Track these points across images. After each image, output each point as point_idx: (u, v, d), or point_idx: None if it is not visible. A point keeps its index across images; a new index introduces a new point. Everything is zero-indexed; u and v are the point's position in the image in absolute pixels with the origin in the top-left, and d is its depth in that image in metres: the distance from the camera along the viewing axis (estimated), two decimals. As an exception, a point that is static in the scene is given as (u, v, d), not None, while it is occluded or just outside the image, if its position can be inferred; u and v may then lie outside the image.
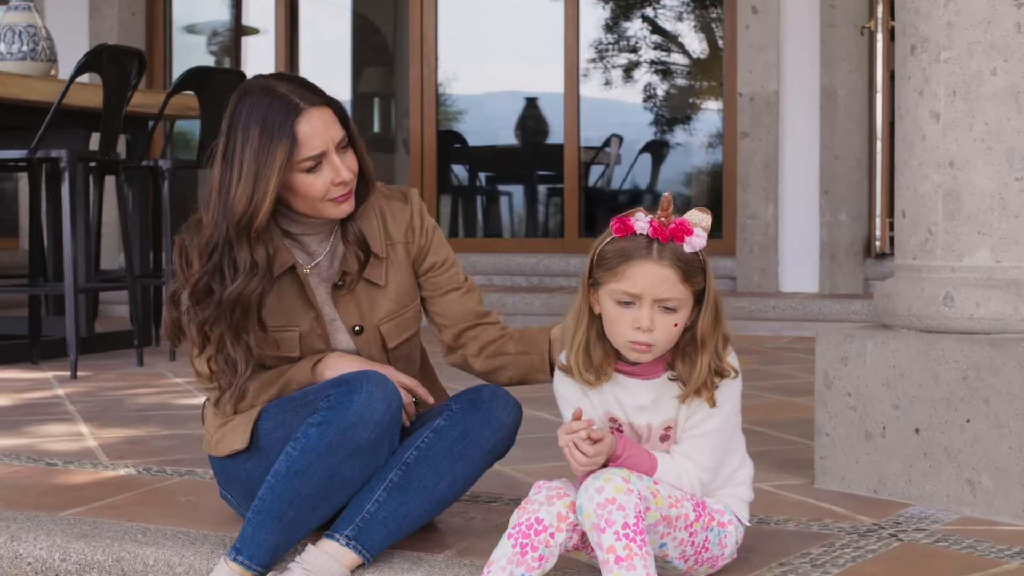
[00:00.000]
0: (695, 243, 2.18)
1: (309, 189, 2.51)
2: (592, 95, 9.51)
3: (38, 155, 5.17)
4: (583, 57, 9.61)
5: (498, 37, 9.70)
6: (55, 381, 5.01)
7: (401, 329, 2.69)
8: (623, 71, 9.78)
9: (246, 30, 9.83)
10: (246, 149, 2.46)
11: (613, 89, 9.73)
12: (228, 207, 2.47)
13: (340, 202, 2.55)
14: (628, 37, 9.83)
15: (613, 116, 10.15)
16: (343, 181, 2.51)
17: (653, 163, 9.68)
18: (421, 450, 2.48)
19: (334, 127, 2.51)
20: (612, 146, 9.65)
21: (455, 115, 10.47)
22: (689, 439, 2.26)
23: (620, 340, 2.21)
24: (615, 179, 9.70)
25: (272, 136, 2.45)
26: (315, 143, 2.48)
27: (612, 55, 9.77)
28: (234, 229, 2.47)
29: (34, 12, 5.88)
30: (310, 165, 2.49)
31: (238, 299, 2.49)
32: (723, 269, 7.20)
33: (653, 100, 9.80)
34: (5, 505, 2.96)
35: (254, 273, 2.49)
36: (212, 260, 2.49)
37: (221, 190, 2.49)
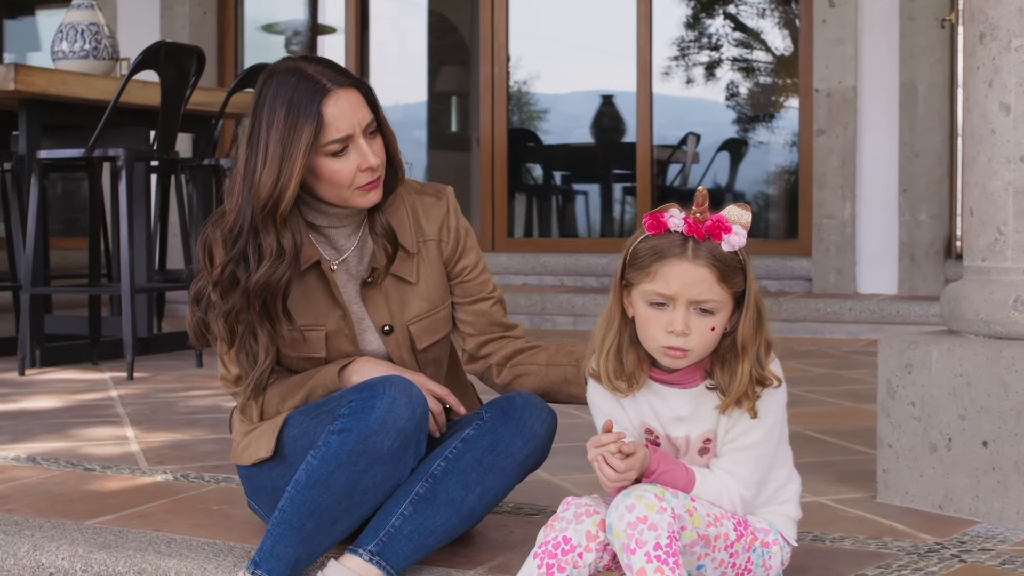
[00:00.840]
0: (733, 241, 2.03)
1: (336, 175, 2.40)
2: (673, 93, 9.38)
3: (96, 154, 5.10)
4: (664, 55, 9.49)
5: (576, 35, 9.58)
6: (111, 382, 4.95)
7: (431, 331, 2.58)
8: (704, 68, 9.65)
9: (322, 29, 9.79)
10: (271, 131, 2.36)
11: (694, 87, 9.60)
12: (253, 191, 2.37)
13: (368, 190, 2.44)
14: (709, 34, 9.69)
15: (692, 114, 9.99)
16: (370, 166, 2.41)
17: (731, 161, 9.50)
18: (449, 461, 2.35)
19: (362, 110, 2.42)
20: (689, 144, 9.48)
21: (538, 114, 10.38)
22: (730, 452, 2.11)
23: (653, 344, 2.06)
24: (692, 178, 9.53)
25: (298, 117, 2.35)
26: (341, 125, 2.38)
27: (693, 52, 9.64)
28: (259, 214, 2.38)
29: (97, 10, 5.83)
30: (336, 148, 2.39)
31: (265, 287, 2.39)
32: (799, 270, 7.01)
33: (736, 98, 9.64)
34: (34, 512, 2.88)
35: (280, 259, 2.39)
36: (237, 246, 2.40)
37: (246, 175, 2.39)
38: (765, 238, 8.84)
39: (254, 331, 2.42)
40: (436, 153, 10.82)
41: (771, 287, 7.03)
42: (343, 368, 2.49)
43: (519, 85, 10.31)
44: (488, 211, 8.09)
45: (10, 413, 4.21)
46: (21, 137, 5.37)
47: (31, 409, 4.29)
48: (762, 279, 7.05)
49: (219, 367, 2.57)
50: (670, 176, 9.42)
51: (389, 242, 2.51)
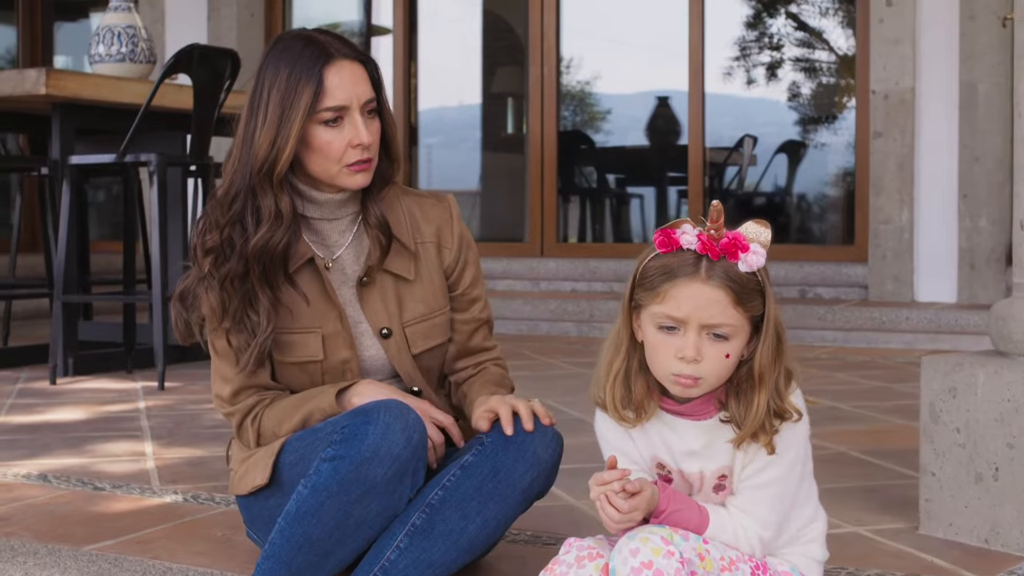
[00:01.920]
0: (751, 261, 1.86)
1: (326, 147, 2.33)
2: (735, 93, 9.21)
3: (128, 159, 5.00)
4: (726, 55, 9.31)
5: (638, 34, 9.41)
6: (142, 393, 4.84)
7: (428, 335, 2.45)
8: (766, 69, 9.48)
9: (375, 30, 9.69)
10: (272, 92, 2.31)
11: (756, 87, 9.42)
12: (252, 152, 2.31)
13: (356, 170, 2.36)
14: (771, 34, 9.51)
15: (754, 115, 9.81)
16: (362, 143, 2.33)
17: (789, 164, 9.30)
18: (447, 489, 2.20)
19: (363, 85, 2.35)
20: (746, 146, 9.28)
21: (601, 115, 10.23)
22: (747, 490, 1.94)
23: (662, 371, 1.90)
24: (749, 180, 9.33)
25: (300, 79, 2.30)
26: (339, 95, 2.31)
27: (754, 52, 9.46)
28: (256, 175, 2.31)
29: (134, 13, 5.73)
30: (330, 116, 2.31)
31: (263, 250, 2.31)
32: (855, 277, 6.79)
33: (797, 99, 9.44)
34: (33, 536, 2.76)
35: (279, 222, 2.33)
36: (234, 208, 2.33)
37: (245, 136, 2.34)
38: (824, 243, 8.63)
39: (253, 299, 2.34)
40: (491, 155, 10.69)
41: (825, 294, 6.83)
42: (343, 391, 2.36)
43: (581, 85, 10.17)
44: (537, 215, 7.94)
45: (32, 426, 4.11)
46: (54, 142, 5.29)
47: (54, 421, 4.19)
48: (817, 286, 6.85)
49: (213, 384, 2.44)
50: (726, 179, 9.24)
51: (383, 233, 2.41)
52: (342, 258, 2.44)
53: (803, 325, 6.33)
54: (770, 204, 9.44)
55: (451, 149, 10.72)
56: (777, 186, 9.37)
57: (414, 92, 8.78)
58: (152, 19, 8.46)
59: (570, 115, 10.55)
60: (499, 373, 2.50)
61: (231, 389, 2.41)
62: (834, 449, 3.63)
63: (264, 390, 2.43)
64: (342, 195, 2.42)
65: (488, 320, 2.54)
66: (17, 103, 5.30)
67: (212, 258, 2.35)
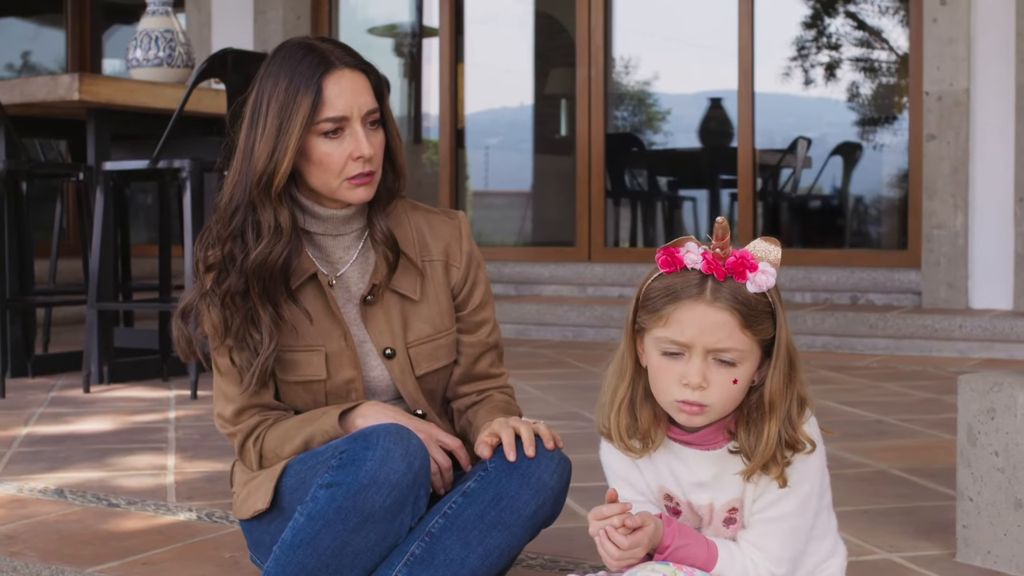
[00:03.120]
0: (760, 281, 1.74)
1: (326, 159, 2.24)
2: (792, 93, 9.08)
3: (160, 165, 4.94)
4: (784, 55, 9.17)
5: (697, 34, 9.30)
6: (174, 402, 4.78)
7: (432, 357, 2.35)
8: (824, 69, 9.35)
9: (427, 31, 9.63)
10: (271, 103, 2.23)
11: (814, 87, 9.30)
12: (251, 164, 2.23)
13: (357, 184, 2.27)
14: (829, 34, 9.37)
15: (810, 116, 9.67)
16: (363, 155, 2.24)
17: (844, 166, 9.14)
18: (448, 517, 2.10)
19: (365, 95, 2.26)
20: (799, 148, 9.12)
21: (660, 115, 10.12)
22: (758, 524, 1.83)
23: (666, 398, 1.79)
24: (803, 183, 9.17)
25: (299, 88, 2.21)
26: (339, 104, 2.22)
27: (812, 52, 9.33)
28: (255, 188, 2.23)
29: (172, 17, 5.68)
30: (329, 128, 2.23)
31: (262, 266, 2.23)
32: (908, 283, 6.62)
33: (856, 99, 9.29)
34: (39, 556, 2.69)
35: (278, 236, 2.24)
36: (234, 223, 2.25)
37: (245, 148, 2.26)
38: (878, 248, 8.46)
39: (255, 316, 2.25)
40: (542, 157, 10.60)
41: (878, 301, 6.67)
42: (346, 412, 2.26)
43: (639, 86, 10.07)
44: (584, 219, 7.82)
45: (57, 437, 4.05)
46: (89, 147, 5.25)
47: (80, 432, 4.12)
48: (868, 292, 6.69)
49: (216, 403, 2.36)
50: (780, 181, 9.09)
51: (390, 248, 2.32)
52: (347, 275, 2.35)
53: (853, 333, 6.17)
54: (824, 207, 9.28)
55: (502, 151, 10.64)
56: (832, 189, 9.21)
57: (462, 93, 8.69)
58: (199, 23, 8.43)
59: (628, 116, 10.45)
60: (504, 400, 2.39)
61: (233, 409, 2.33)
62: (874, 467, 3.49)
63: (267, 410, 2.34)
64: (347, 210, 2.33)
65: (496, 345, 2.44)
66: (54, 109, 5.27)
67: (214, 274, 2.27)
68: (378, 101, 2.29)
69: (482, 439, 2.16)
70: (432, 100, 8.83)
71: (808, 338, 6.22)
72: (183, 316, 2.32)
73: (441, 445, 2.24)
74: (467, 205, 10.23)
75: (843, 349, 6.19)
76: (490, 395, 2.40)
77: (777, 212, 9.08)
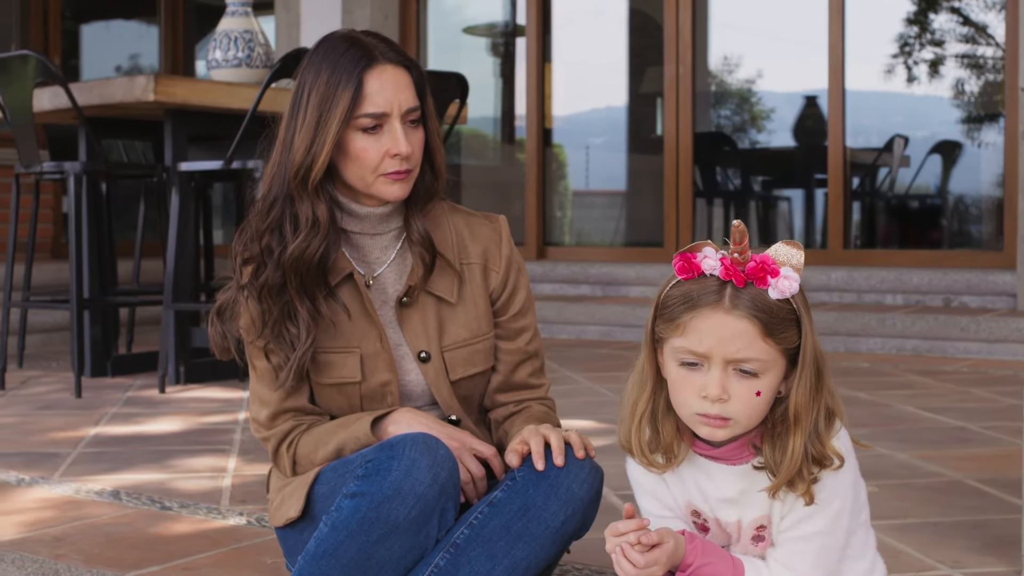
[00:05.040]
0: (782, 287, 1.65)
1: (363, 154, 2.20)
2: (896, 90, 8.92)
3: (234, 165, 4.94)
4: (886, 52, 9.00)
5: (794, 32, 9.16)
6: (246, 403, 4.77)
7: (467, 362, 2.29)
8: (929, 66, 9.17)
9: (519, 30, 9.59)
10: (312, 95, 2.20)
11: (916, 84, 9.12)
12: (290, 157, 2.20)
13: (393, 179, 2.22)
14: (932, 30, 9.19)
15: (910, 113, 9.48)
16: (400, 153, 2.20)
17: (943, 165, 8.93)
18: (474, 528, 2.04)
19: (406, 92, 2.22)
20: (896, 147, 8.93)
21: (764, 114, 10.00)
22: (787, 543, 1.73)
23: (686, 411, 1.71)
24: (900, 182, 8.98)
25: (339, 81, 2.18)
26: (379, 100, 2.19)
27: (915, 49, 9.16)
28: (293, 181, 2.19)
29: (252, 17, 5.68)
30: (368, 124, 2.19)
31: (299, 260, 2.19)
32: (1003, 285, 6.42)
33: (960, 96, 9.10)
34: (83, 559, 2.67)
35: (315, 230, 2.20)
36: (272, 215, 2.22)
37: (285, 140, 2.23)
38: (978, 248, 8.25)
39: (292, 311, 2.21)
40: (637, 157, 10.51)
41: (972, 303, 6.47)
42: (379, 419, 2.21)
43: (742, 84, 9.95)
44: (672, 219, 7.71)
45: (124, 438, 4.06)
46: (166, 148, 5.27)
47: (147, 433, 4.13)
48: (962, 294, 6.50)
49: (251, 408, 2.32)
50: (878, 180, 8.91)
51: (426, 249, 2.27)
52: (383, 276, 2.30)
53: (944, 336, 6.00)
54: (921, 207, 9.08)
55: (601, 151, 10.57)
56: (930, 188, 9.01)
57: (549, 93, 8.63)
58: (287, 22, 8.46)
59: (730, 115, 10.33)
60: (543, 412, 2.32)
61: (268, 413, 2.28)
62: (950, 476, 3.37)
63: (302, 414, 2.30)
64: (384, 209, 2.28)
65: (536, 354, 2.36)
66: (133, 110, 5.29)
67: (252, 267, 2.23)
68: (420, 99, 2.25)
69: (511, 447, 2.09)
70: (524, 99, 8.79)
71: (898, 341, 6.06)
72: (219, 313, 2.28)
73: (475, 453, 2.18)
74: (565, 205, 10.17)
75: (934, 352, 6.02)
76: (528, 406, 2.33)
77: (872, 212, 8.91)
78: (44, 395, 5.02)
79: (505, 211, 2.76)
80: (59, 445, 3.93)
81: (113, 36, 10.50)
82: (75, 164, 5.08)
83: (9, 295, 5.27)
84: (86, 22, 10.21)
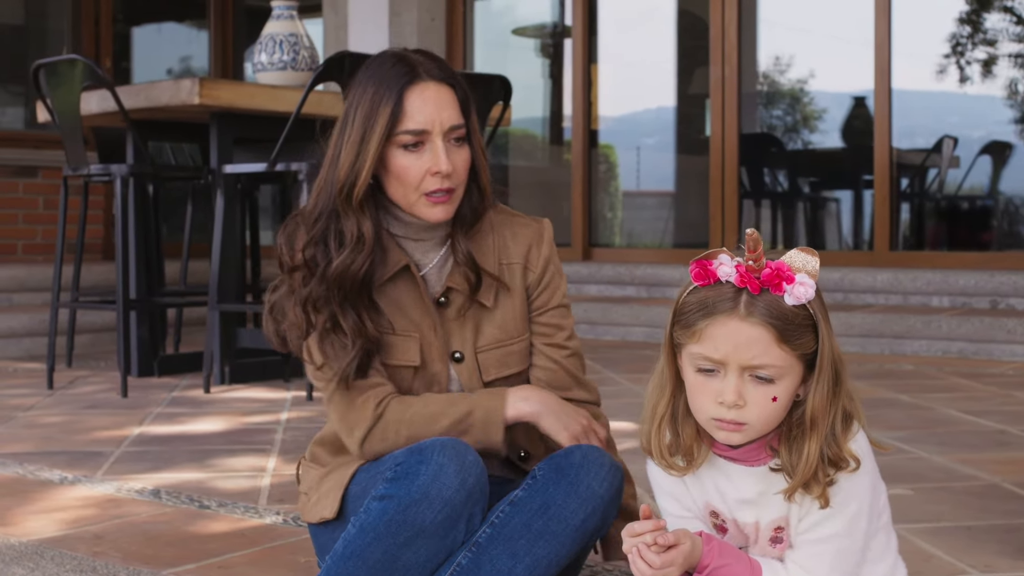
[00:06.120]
0: (798, 293, 1.66)
1: (404, 172, 2.20)
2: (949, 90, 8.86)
3: (278, 167, 4.98)
4: (938, 51, 8.95)
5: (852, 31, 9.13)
6: (289, 403, 4.82)
7: (502, 363, 2.30)
8: (982, 65, 9.10)
9: (568, 31, 9.61)
10: (359, 110, 2.20)
11: (970, 84, 9.05)
12: (336, 171, 2.20)
13: (435, 202, 2.22)
14: (985, 29, 9.12)
15: (962, 113, 9.42)
16: (440, 171, 2.18)
17: (993, 166, 8.85)
18: (495, 527, 2.05)
19: (449, 110, 2.21)
20: (945, 148, 8.87)
21: (816, 114, 9.96)
22: (805, 545, 1.74)
23: (703, 416, 1.72)
24: (950, 183, 8.91)
25: (382, 98, 2.18)
26: (419, 118, 2.18)
27: (967, 48, 9.09)
28: (338, 197, 2.20)
29: (297, 21, 5.72)
30: (409, 141, 2.18)
31: (343, 276, 2.20)
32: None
33: (1015, 96, 9.02)
34: (121, 556, 2.71)
35: (360, 247, 2.20)
36: (317, 227, 2.23)
37: (333, 154, 2.23)
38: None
39: (337, 321, 2.22)
40: (685, 158, 10.50)
41: (1019, 306, 6.43)
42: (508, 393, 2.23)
43: (793, 84, 9.91)
44: (717, 220, 7.71)
45: (166, 437, 4.11)
46: (212, 150, 5.32)
47: (189, 433, 4.18)
48: (1009, 297, 6.45)
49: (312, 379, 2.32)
50: (927, 181, 8.85)
51: (471, 270, 2.27)
52: (428, 274, 2.31)
53: (991, 339, 5.96)
54: (970, 209, 9.01)
55: (651, 152, 10.57)
56: (980, 189, 8.94)
57: (595, 94, 8.64)
58: (335, 25, 8.52)
59: (782, 115, 10.29)
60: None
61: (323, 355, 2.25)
62: (987, 480, 3.36)
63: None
64: (419, 219, 2.28)
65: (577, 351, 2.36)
66: (180, 113, 5.35)
67: (299, 275, 2.25)
68: (464, 117, 2.24)
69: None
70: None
71: (943, 343, 6.03)
72: (272, 311, 2.29)
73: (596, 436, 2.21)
74: (616, 205, 10.17)
75: (980, 355, 5.98)
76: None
77: (921, 213, 8.85)
78: (90, 395, 5.09)
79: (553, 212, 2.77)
80: (103, 444, 3.99)
81: (165, 39, 10.60)
82: (121, 166, 5.15)
83: (57, 295, 5.34)
84: (138, 24, 10.31)
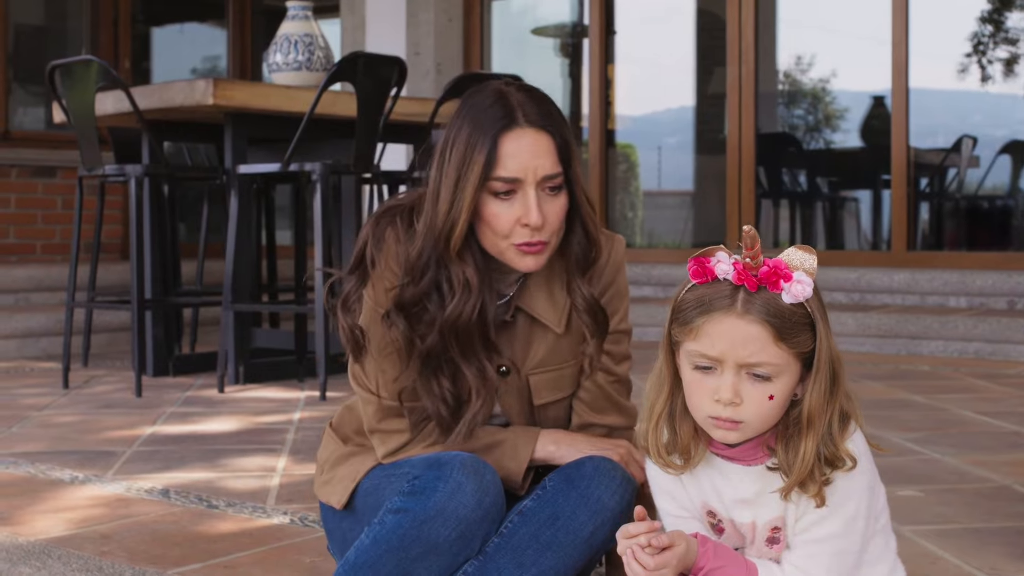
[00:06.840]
0: (796, 291, 1.65)
1: (494, 220, 2.10)
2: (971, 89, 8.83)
3: (292, 168, 4.99)
4: (959, 51, 8.91)
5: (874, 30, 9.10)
6: (303, 403, 4.82)
7: (555, 387, 2.23)
8: (1004, 64, 9.06)
9: (587, 31, 9.59)
10: (454, 152, 2.10)
11: (992, 83, 9.01)
12: (435, 215, 2.11)
13: (525, 252, 2.11)
14: (1007, 28, 9.08)
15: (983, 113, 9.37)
16: (530, 223, 2.08)
17: (1013, 166, 8.81)
18: (503, 537, 2.05)
19: (544, 158, 2.09)
20: (964, 148, 8.83)
21: (839, 113, 9.92)
22: (802, 545, 1.73)
23: (700, 414, 1.71)
24: (969, 183, 8.87)
25: (477, 141, 2.07)
26: (512, 165, 2.07)
27: (989, 48, 9.06)
28: (440, 243, 2.12)
29: (312, 21, 5.73)
30: (500, 188, 2.08)
31: (455, 324, 2.11)
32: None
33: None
34: (127, 556, 2.72)
35: (467, 294, 2.11)
36: (427, 277, 2.13)
37: (432, 192, 2.13)
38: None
39: (456, 371, 2.15)
40: (704, 157, 10.48)
41: (1037, 306, 6.40)
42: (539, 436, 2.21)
43: (815, 83, 9.88)
44: (735, 219, 7.69)
45: (178, 437, 4.12)
46: (226, 151, 5.33)
47: (201, 432, 4.18)
48: (1026, 297, 6.42)
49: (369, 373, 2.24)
50: (946, 181, 8.81)
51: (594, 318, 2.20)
52: None
53: (1008, 339, 5.93)
54: (990, 208, 8.97)
55: (671, 151, 10.55)
56: (999, 189, 8.90)
57: (613, 94, 8.63)
58: (353, 25, 8.52)
59: (803, 115, 10.26)
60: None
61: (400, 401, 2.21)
62: (998, 482, 3.33)
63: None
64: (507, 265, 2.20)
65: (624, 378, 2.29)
66: (194, 113, 5.36)
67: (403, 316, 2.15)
68: (563, 164, 2.12)
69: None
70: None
71: (960, 344, 6.00)
72: (344, 306, 2.21)
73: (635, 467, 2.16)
74: (636, 205, 10.16)
75: (996, 356, 5.95)
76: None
77: (940, 213, 8.81)
78: (105, 394, 5.10)
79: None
80: (115, 444, 3.99)
81: (186, 39, 10.63)
82: (136, 167, 5.16)
83: (72, 295, 5.35)
84: (159, 25, 10.34)
